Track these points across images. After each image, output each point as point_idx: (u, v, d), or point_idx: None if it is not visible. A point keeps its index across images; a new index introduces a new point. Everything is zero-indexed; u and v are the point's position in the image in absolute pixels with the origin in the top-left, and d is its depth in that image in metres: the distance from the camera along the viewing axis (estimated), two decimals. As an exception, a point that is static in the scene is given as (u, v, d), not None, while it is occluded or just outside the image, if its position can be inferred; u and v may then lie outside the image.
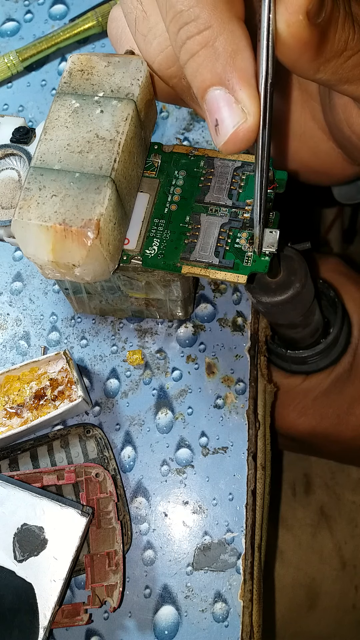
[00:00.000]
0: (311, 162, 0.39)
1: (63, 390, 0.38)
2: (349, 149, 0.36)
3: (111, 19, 0.33)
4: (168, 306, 0.39)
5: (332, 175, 0.41)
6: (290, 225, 0.35)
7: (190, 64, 0.26)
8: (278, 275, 0.35)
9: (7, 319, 0.43)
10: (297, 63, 0.27)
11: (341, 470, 0.68)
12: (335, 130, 0.35)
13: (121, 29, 0.32)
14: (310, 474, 0.68)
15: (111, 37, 0.33)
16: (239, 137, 0.25)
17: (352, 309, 0.48)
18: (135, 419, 0.40)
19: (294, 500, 0.67)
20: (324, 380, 0.48)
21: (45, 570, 0.34)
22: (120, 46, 0.33)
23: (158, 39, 0.29)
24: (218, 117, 0.25)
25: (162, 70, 0.30)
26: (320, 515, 0.67)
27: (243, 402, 0.40)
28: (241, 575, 0.37)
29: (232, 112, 0.25)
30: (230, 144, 0.26)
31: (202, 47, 0.25)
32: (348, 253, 0.77)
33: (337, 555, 0.66)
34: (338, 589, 0.65)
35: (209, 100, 0.26)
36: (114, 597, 0.36)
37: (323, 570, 0.66)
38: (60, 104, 0.32)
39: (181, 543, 0.38)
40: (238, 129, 0.25)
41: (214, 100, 0.25)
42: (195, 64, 0.25)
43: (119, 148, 0.31)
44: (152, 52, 0.29)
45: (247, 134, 0.25)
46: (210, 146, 0.46)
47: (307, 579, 0.65)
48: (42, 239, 0.30)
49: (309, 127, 0.38)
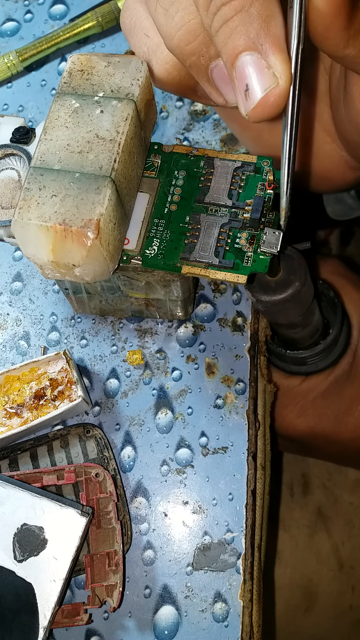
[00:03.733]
0: (314, 166, 0.39)
1: (63, 390, 0.38)
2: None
3: (125, 8, 0.33)
4: (168, 306, 0.39)
5: (332, 181, 0.41)
6: (290, 225, 0.35)
7: (223, 29, 0.26)
8: (278, 274, 0.35)
9: (7, 319, 0.43)
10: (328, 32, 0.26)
11: (339, 471, 0.68)
12: (349, 126, 0.35)
13: (136, 17, 0.32)
14: (308, 474, 0.68)
15: (124, 26, 0.33)
16: (270, 102, 0.26)
17: (352, 311, 0.48)
18: (135, 419, 0.40)
19: (292, 501, 0.67)
20: (323, 381, 0.48)
21: (45, 570, 0.34)
22: (134, 34, 0.33)
23: (181, 13, 0.29)
24: (248, 82, 0.26)
25: (181, 46, 0.29)
26: (317, 516, 0.67)
27: (243, 402, 0.40)
28: (241, 575, 0.37)
29: (263, 77, 0.25)
30: (259, 108, 0.26)
31: (237, 12, 0.25)
32: (347, 254, 0.77)
33: (335, 556, 0.66)
34: (335, 590, 0.65)
35: (239, 66, 0.26)
36: (114, 597, 0.36)
37: (320, 571, 0.66)
38: (60, 104, 0.32)
39: (181, 543, 0.38)
40: (269, 94, 0.26)
41: (246, 65, 0.26)
42: (228, 29, 0.26)
43: (119, 148, 0.31)
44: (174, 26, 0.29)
45: (278, 99, 0.26)
46: (210, 146, 0.46)
47: (304, 580, 0.65)
48: (42, 239, 0.30)
49: (312, 129, 0.38)
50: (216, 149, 0.46)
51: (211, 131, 0.47)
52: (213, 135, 0.47)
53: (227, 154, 0.34)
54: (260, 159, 0.34)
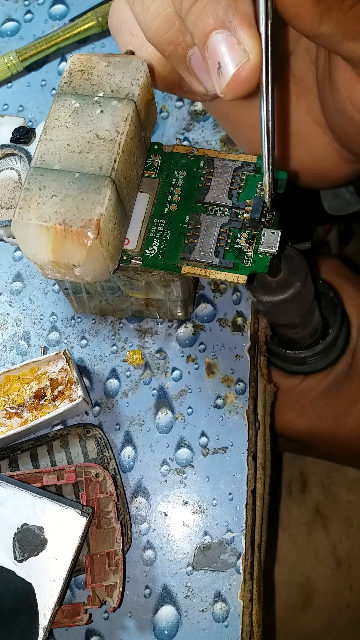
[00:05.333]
0: (307, 160, 0.39)
1: (63, 390, 0.38)
2: (349, 133, 0.35)
3: (112, 9, 0.33)
4: (168, 306, 0.39)
5: (327, 175, 0.40)
6: (290, 225, 0.35)
7: (192, 11, 0.26)
8: (279, 274, 0.35)
9: (7, 319, 0.43)
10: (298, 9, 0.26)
11: (337, 470, 0.68)
12: (335, 114, 0.34)
13: (122, 17, 0.32)
14: (306, 472, 0.68)
15: (111, 27, 0.34)
16: (242, 77, 0.26)
17: (351, 310, 0.48)
18: (135, 419, 0.40)
19: (290, 499, 0.67)
20: (322, 380, 0.48)
21: (45, 570, 0.34)
22: (120, 34, 0.33)
23: (156, 3, 0.29)
24: (220, 60, 0.26)
25: (158, 36, 0.30)
26: (315, 514, 0.67)
27: (243, 402, 0.40)
28: (241, 575, 0.37)
29: (234, 53, 0.26)
30: (232, 84, 0.26)
31: None
32: (346, 254, 0.77)
33: (332, 554, 0.66)
34: (333, 588, 0.65)
35: (211, 45, 0.26)
36: (113, 597, 0.36)
37: (318, 569, 0.66)
38: (60, 104, 0.32)
39: (181, 543, 0.38)
40: (240, 69, 0.26)
41: (216, 43, 0.26)
42: (197, 10, 0.26)
43: (119, 148, 0.31)
44: (150, 16, 0.30)
45: (250, 74, 0.26)
46: (210, 146, 0.46)
47: (302, 578, 0.65)
48: (42, 239, 0.30)
49: (304, 122, 0.37)
50: (216, 149, 0.46)
51: (211, 131, 0.47)
52: (213, 135, 0.47)
53: (227, 154, 0.34)
54: (260, 159, 0.34)
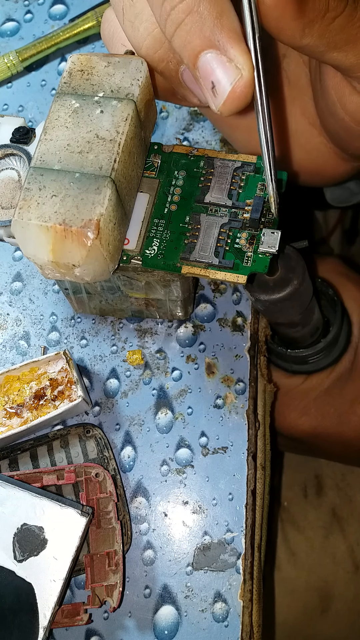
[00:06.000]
0: (304, 160, 0.39)
1: (63, 390, 0.38)
2: (342, 136, 0.36)
3: (104, 20, 0.33)
4: (168, 306, 0.39)
5: (325, 174, 0.40)
6: (290, 226, 0.35)
7: (178, 33, 0.26)
8: (276, 273, 0.35)
9: (7, 319, 0.43)
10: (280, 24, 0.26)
11: (351, 471, 0.67)
12: (328, 117, 0.35)
13: (113, 29, 0.33)
14: (321, 475, 0.68)
15: (104, 38, 0.34)
16: (237, 94, 0.26)
17: (352, 308, 0.48)
18: (135, 419, 0.40)
19: (306, 502, 0.67)
20: (324, 379, 0.48)
21: (45, 570, 0.34)
22: (112, 45, 0.33)
23: (145, 24, 0.30)
24: (213, 79, 0.26)
25: (150, 55, 0.30)
26: (332, 516, 0.66)
27: (243, 402, 0.40)
28: (241, 575, 0.37)
29: (226, 71, 0.26)
30: (228, 102, 0.26)
31: (187, 14, 0.25)
32: (349, 255, 0.77)
33: (350, 557, 0.65)
34: (351, 592, 0.65)
35: (201, 65, 0.26)
36: (113, 597, 0.36)
37: (336, 572, 0.65)
38: (60, 104, 0.32)
39: (181, 543, 0.38)
40: (235, 86, 0.26)
41: (207, 63, 0.26)
42: (183, 32, 0.26)
43: (119, 148, 0.31)
44: (140, 37, 0.30)
45: (244, 90, 0.26)
46: (210, 146, 0.46)
47: (319, 582, 0.65)
48: (42, 239, 0.30)
49: (299, 124, 0.38)
50: (216, 149, 0.46)
51: (211, 131, 0.47)
52: (213, 135, 0.47)
53: (227, 154, 0.34)
54: (260, 159, 0.34)
